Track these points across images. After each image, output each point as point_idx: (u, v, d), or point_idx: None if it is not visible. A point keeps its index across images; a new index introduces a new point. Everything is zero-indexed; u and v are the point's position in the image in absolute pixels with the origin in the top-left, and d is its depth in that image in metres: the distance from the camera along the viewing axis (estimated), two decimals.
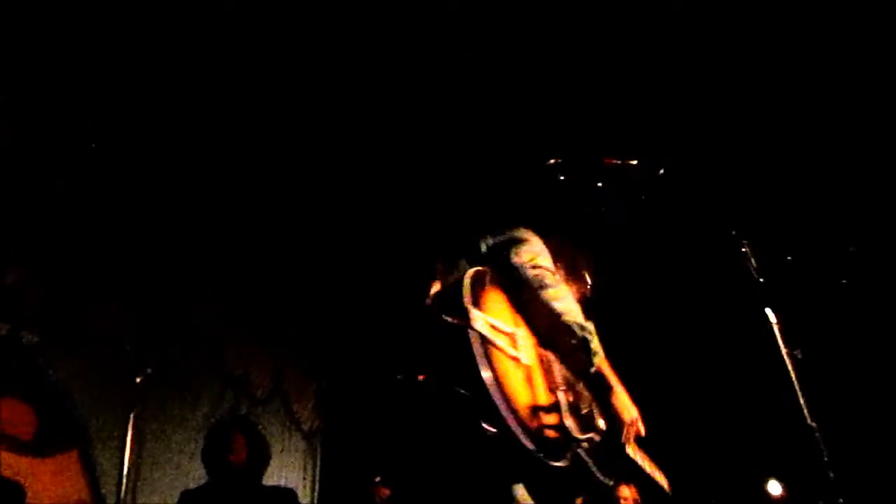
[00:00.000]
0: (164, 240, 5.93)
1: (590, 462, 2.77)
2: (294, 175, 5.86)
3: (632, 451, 3.14)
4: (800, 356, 2.74)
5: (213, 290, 6.35)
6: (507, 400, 2.46)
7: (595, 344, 2.87)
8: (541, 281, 2.86)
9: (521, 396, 2.57)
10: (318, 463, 7.05)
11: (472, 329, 2.51)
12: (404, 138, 5.60)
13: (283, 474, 6.52)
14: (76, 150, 5.19)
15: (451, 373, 2.55)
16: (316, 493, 6.92)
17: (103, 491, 5.37)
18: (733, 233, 2.89)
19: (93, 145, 4.98)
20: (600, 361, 2.90)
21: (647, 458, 3.38)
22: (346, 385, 7.02)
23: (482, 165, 5.65)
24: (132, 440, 4.56)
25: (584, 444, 2.72)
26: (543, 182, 3.11)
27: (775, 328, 2.78)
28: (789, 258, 3.02)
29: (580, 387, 2.95)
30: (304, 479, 6.86)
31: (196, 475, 5.61)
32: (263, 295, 6.61)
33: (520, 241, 2.99)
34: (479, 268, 2.78)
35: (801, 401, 2.70)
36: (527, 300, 2.87)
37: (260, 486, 5.39)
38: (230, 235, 6.15)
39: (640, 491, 5.40)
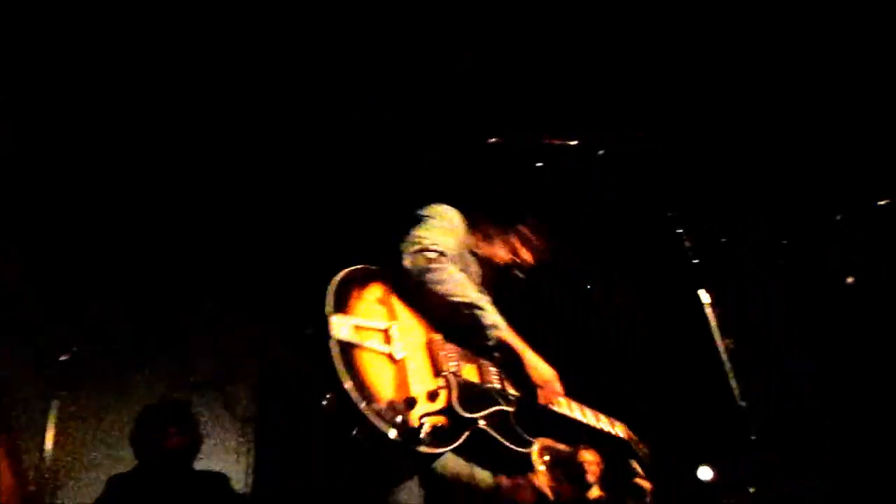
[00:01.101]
0: (100, 221, 5.81)
1: (497, 436, 2.79)
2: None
3: (567, 408, 3.17)
4: (731, 346, 2.77)
5: (152, 270, 6.22)
6: (371, 401, 2.48)
7: (490, 318, 2.89)
8: (419, 268, 2.85)
9: (389, 392, 2.57)
10: (254, 450, 6.94)
11: (331, 338, 2.52)
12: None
13: (217, 460, 6.41)
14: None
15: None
16: (250, 480, 6.81)
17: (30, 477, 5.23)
18: (669, 214, 2.91)
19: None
20: (500, 333, 2.92)
21: (595, 413, 3.42)
22: (284, 372, 6.92)
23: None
24: (56, 424, 4.42)
25: (481, 423, 2.73)
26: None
27: (708, 309, 2.80)
28: (724, 240, 3.06)
29: (484, 362, 2.96)
30: (239, 464, 6.76)
31: (126, 461, 5.49)
32: (203, 279, 6.50)
33: (418, 221, 3.00)
34: (357, 266, 2.81)
35: (732, 382, 2.73)
36: (413, 287, 2.88)
37: (191, 471, 5.30)
38: (175, 221, 6.06)
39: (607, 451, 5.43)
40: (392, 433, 2.46)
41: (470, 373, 2.87)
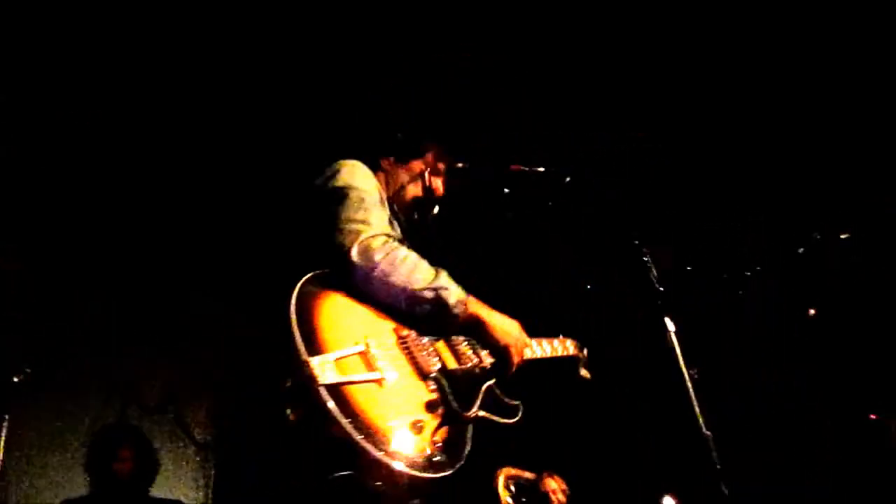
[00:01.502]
0: (53, 237, 5.71)
1: (493, 417, 2.74)
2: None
3: (530, 352, 3.13)
4: (696, 376, 2.75)
5: (105, 290, 6.11)
6: (383, 447, 2.28)
7: (454, 296, 2.75)
8: (370, 263, 2.60)
9: (396, 425, 2.38)
10: (212, 475, 6.81)
11: (320, 386, 2.26)
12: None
13: (174, 486, 6.29)
14: None
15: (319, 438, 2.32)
16: None
17: None
18: (636, 241, 2.90)
19: None
20: (466, 307, 2.80)
21: (550, 341, 3.39)
22: (242, 396, 6.81)
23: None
24: (4, 447, 4.28)
25: (480, 413, 2.67)
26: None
27: (673, 337, 2.79)
28: (689, 268, 3.06)
29: (455, 339, 2.86)
30: (197, 491, 6.62)
31: (78, 485, 5.37)
32: (159, 299, 6.40)
33: (334, 198, 2.77)
34: (299, 286, 2.49)
35: (697, 410, 2.71)
36: (364, 284, 2.63)
37: (146, 498, 5.19)
38: (127, 237, 5.97)
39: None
40: (428, 474, 2.34)
41: (448, 359, 2.76)
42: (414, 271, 2.69)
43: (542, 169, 3.10)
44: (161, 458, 5.73)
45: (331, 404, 2.24)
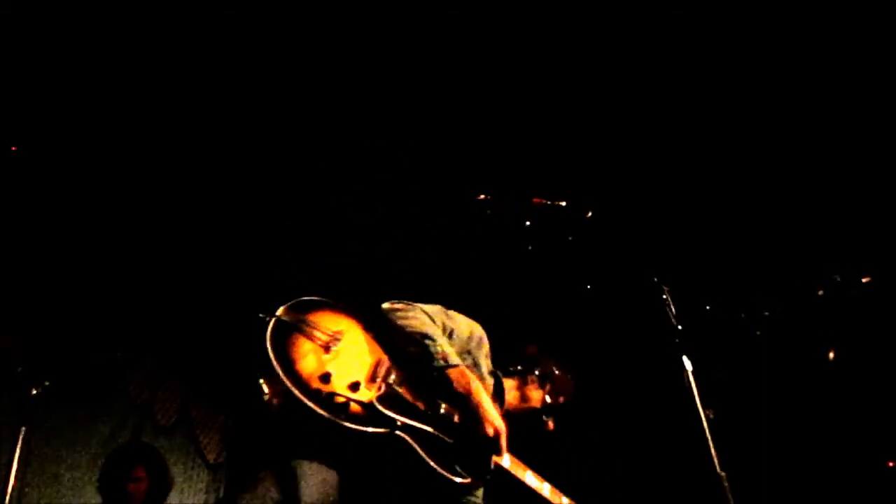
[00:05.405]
0: (69, 261, 5.76)
1: (431, 462, 2.69)
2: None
3: (512, 467, 3.07)
4: (711, 416, 2.74)
5: (121, 313, 6.15)
6: (290, 368, 2.58)
7: (439, 350, 2.82)
8: (391, 308, 2.94)
9: (309, 368, 2.63)
10: (223, 495, 6.82)
11: (275, 316, 2.72)
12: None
13: None
14: None
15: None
16: None
17: None
18: (655, 279, 2.91)
19: None
20: (448, 370, 2.81)
21: (554, 490, 3.32)
22: (254, 417, 6.82)
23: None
24: (19, 460, 4.29)
25: (398, 424, 2.65)
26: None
27: (691, 376, 2.78)
28: (708, 308, 3.06)
29: (439, 401, 2.85)
30: None
31: (93, 499, 5.38)
32: (173, 322, 6.43)
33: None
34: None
35: (712, 450, 2.69)
36: (381, 322, 2.93)
37: None
38: (138, 258, 6.00)
39: None
40: (312, 403, 2.52)
41: (408, 393, 2.78)
42: (419, 321, 2.90)
43: (563, 203, 3.12)
44: (174, 477, 5.72)
45: (269, 332, 2.68)
